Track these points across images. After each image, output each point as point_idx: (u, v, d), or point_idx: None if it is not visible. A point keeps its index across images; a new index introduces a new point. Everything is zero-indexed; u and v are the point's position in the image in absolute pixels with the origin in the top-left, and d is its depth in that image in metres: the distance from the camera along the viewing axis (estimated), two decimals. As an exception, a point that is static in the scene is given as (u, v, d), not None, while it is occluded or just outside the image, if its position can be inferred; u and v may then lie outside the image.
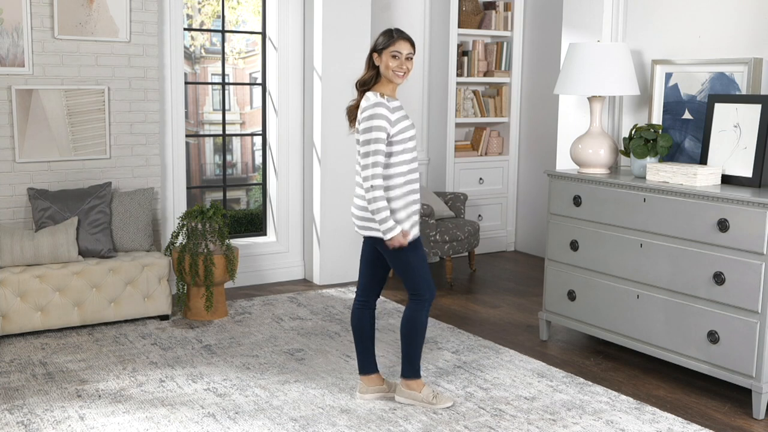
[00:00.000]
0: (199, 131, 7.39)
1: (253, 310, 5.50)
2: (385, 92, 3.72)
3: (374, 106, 3.64)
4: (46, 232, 4.97)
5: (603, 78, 4.63)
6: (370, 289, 3.98)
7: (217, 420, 3.75)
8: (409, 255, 3.76)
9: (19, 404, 3.89)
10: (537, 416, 3.85)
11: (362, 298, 3.98)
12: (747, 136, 4.19)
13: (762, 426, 3.82)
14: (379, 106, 3.64)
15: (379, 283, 3.99)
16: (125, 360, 4.51)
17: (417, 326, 3.86)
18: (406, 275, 3.80)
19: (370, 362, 4.01)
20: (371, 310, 4.00)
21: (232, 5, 6.90)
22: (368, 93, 3.72)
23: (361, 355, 4.00)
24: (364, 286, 3.98)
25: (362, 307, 3.98)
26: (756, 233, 3.80)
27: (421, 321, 3.85)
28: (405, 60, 3.70)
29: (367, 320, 3.98)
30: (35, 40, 5.16)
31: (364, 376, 4.02)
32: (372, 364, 4.01)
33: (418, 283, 3.81)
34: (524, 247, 7.57)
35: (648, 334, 4.36)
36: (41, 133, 5.21)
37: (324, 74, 6.06)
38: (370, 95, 3.70)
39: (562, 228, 4.82)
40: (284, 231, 6.38)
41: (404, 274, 3.80)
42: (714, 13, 4.55)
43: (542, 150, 7.19)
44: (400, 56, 3.68)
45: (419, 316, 3.85)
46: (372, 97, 3.69)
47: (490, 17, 7.17)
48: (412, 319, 3.85)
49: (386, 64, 3.69)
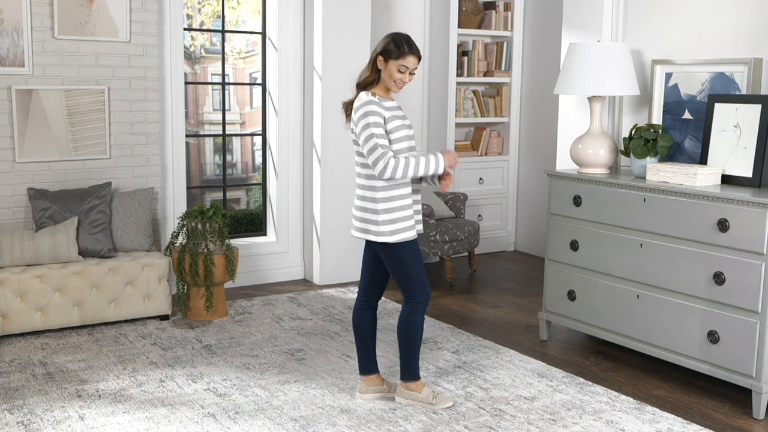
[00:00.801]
0: (199, 131, 7.39)
1: (253, 310, 5.50)
2: (378, 93, 3.75)
3: (365, 104, 3.69)
4: (46, 232, 4.97)
5: (603, 78, 4.63)
6: (371, 290, 3.98)
7: (217, 420, 3.75)
8: (405, 257, 3.76)
9: (19, 404, 3.89)
10: (537, 416, 3.85)
11: (363, 299, 3.99)
12: (747, 136, 4.19)
13: (762, 426, 3.82)
14: (370, 104, 3.68)
15: (380, 284, 3.98)
16: (125, 360, 4.51)
17: (413, 329, 3.86)
18: (402, 277, 3.80)
19: (370, 362, 4.01)
20: (372, 310, 4.00)
21: (232, 5, 6.90)
22: (361, 93, 3.74)
23: (362, 355, 4.00)
24: (364, 287, 3.99)
25: (363, 308, 3.98)
26: (756, 233, 3.80)
27: (416, 323, 3.85)
28: (409, 74, 3.73)
29: (368, 320, 3.98)
30: (35, 40, 5.16)
31: (364, 376, 4.02)
32: (373, 364, 4.01)
33: (412, 286, 3.81)
34: (524, 247, 7.57)
35: (648, 334, 4.36)
36: (41, 133, 5.21)
37: (324, 74, 6.06)
38: (362, 95, 3.73)
39: (562, 228, 4.82)
40: (284, 231, 6.39)
41: (399, 276, 3.80)
42: (714, 13, 4.55)
43: (542, 150, 7.19)
44: (407, 71, 3.71)
45: (414, 319, 3.85)
46: (364, 96, 3.72)
47: (490, 17, 7.17)
48: (407, 322, 3.86)
49: (391, 74, 3.70)
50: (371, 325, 3.99)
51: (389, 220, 3.70)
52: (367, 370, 4.01)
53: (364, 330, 3.98)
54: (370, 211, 3.73)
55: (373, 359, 4.02)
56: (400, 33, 3.76)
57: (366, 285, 3.98)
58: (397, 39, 3.71)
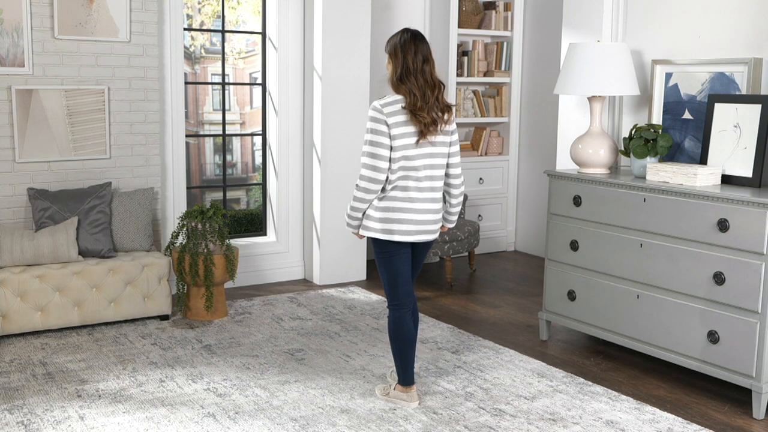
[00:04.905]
0: (199, 131, 7.38)
1: (253, 310, 5.50)
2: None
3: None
4: (46, 232, 4.97)
5: (603, 78, 4.63)
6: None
7: (217, 420, 3.75)
8: (380, 261, 3.83)
9: (19, 404, 3.89)
10: (537, 416, 3.85)
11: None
12: (747, 136, 4.19)
13: (762, 426, 3.82)
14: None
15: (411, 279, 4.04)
16: (125, 360, 4.51)
17: (390, 333, 3.90)
18: (382, 281, 3.89)
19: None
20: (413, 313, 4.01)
21: (232, 5, 6.90)
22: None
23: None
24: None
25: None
26: (756, 233, 3.80)
27: (391, 329, 3.88)
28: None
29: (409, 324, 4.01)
30: (35, 40, 5.16)
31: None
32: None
33: (386, 292, 3.88)
34: (524, 247, 7.57)
35: (648, 334, 4.36)
36: (41, 133, 5.21)
37: (324, 74, 6.06)
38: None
39: (562, 228, 4.82)
40: (284, 231, 6.38)
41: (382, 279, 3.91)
42: (714, 13, 4.55)
43: (542, 150, 7.19)
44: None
45: (389, 323, 3.89)
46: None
47: (490, 17, 7.17)
48: (388, 326, 3.91)
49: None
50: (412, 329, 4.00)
51: (374, 217, 3.76)
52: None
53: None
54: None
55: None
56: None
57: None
58: (409, 48, 3.75)
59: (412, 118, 3.64)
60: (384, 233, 3.72)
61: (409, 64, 3.67)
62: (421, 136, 3.66)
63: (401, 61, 3.68)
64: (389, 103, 3.67)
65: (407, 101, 3.65)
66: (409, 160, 3.68)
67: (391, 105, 3.67)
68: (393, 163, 3.68)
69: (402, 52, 3.69)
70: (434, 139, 3.72)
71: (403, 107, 3.65)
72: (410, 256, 3.86)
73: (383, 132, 3.64)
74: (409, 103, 3.64)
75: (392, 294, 3.84)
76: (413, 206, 3.72)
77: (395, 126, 3.64)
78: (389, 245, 3.77)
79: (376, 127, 3.65)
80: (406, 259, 3.82)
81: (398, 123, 3.65)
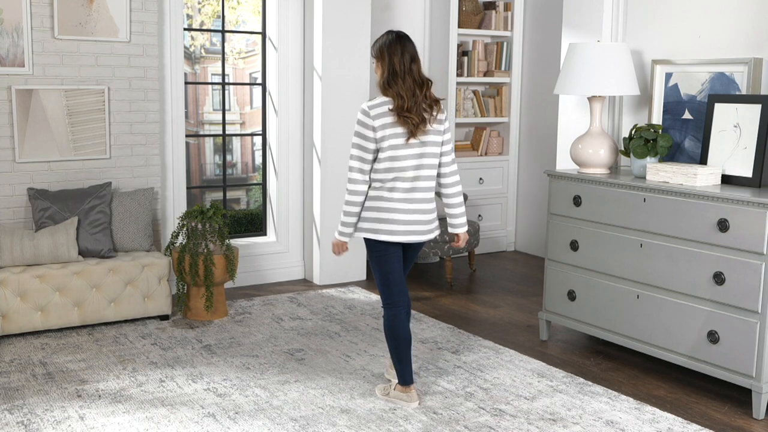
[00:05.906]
0: (199, 131, 7.39)
1: (253, 310, 5.50)
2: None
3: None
4: (46, 232, 4.97)
5: (603, 78, 4.63)
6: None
7: (217, 420, 3.75)
8: (372, 261, 3.85)
9: (19, 404, 3.89)
10: (537, 416, 3.85)
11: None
12: (747, 136, 4.19)
13: (762, 426, 3.82)
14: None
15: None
16: (125, 360, 4.51)
17: (385, 332, 3.92)
18: (375, 280, 3.92)
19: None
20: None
21: (232, 5, 6.90)
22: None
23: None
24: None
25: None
26: (756, 233, 3.80)
27: (386, 327, 3.89)
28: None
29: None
30: (35, 40, 5.16)
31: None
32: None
33: (380, 291, 3.90)
34: (524, 247, 7.57)
35: (648, 334, 4.36)
36: (41, 133, 5.21)
37: (324, 74, 6.06)
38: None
39: (562, 228, 4.82)
40: (284, 231, 6.38)
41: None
42: (714, 13, 4.55)
43: (542, 150, 7.19)
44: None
45: (384, 322, 3.91)
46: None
47: (490, 17, 7.17)
48: (383, 325, 3.93)
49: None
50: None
51: (363, 216, 3.79)
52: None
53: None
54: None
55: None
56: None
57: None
58: (398, 52, 3.78)
59: (399, 119, 3.67)
60: (371, 233, 3.77)
61: (396, 66, 3.70)
62: (411, 136, 3.69)
63: (388, 63, 3.72)
64: (377, 105, 3.71)
65: (395, 104, 3.68)
66: (398, 161, 3.70)
67: (378, 107, 3.71)
68: (380, 163, 3.71)
69: (388, 54, 3.72)
70: (425, 138, 3.74)
71: (391, 110, 3.69)
72: (401, 255, 3.88)
73: (368, 137, 3.71)
74: (397, 105, 3.67)
75: (385, 293, 3.87)
76: (401, 206, 3.74)
77: (382, 128, 3.68)
78: (378, 245, 3.80)
79: (362, 131, 3.72)
80: (397, 258, 3.84)
81: (386, 125, 3.69)
